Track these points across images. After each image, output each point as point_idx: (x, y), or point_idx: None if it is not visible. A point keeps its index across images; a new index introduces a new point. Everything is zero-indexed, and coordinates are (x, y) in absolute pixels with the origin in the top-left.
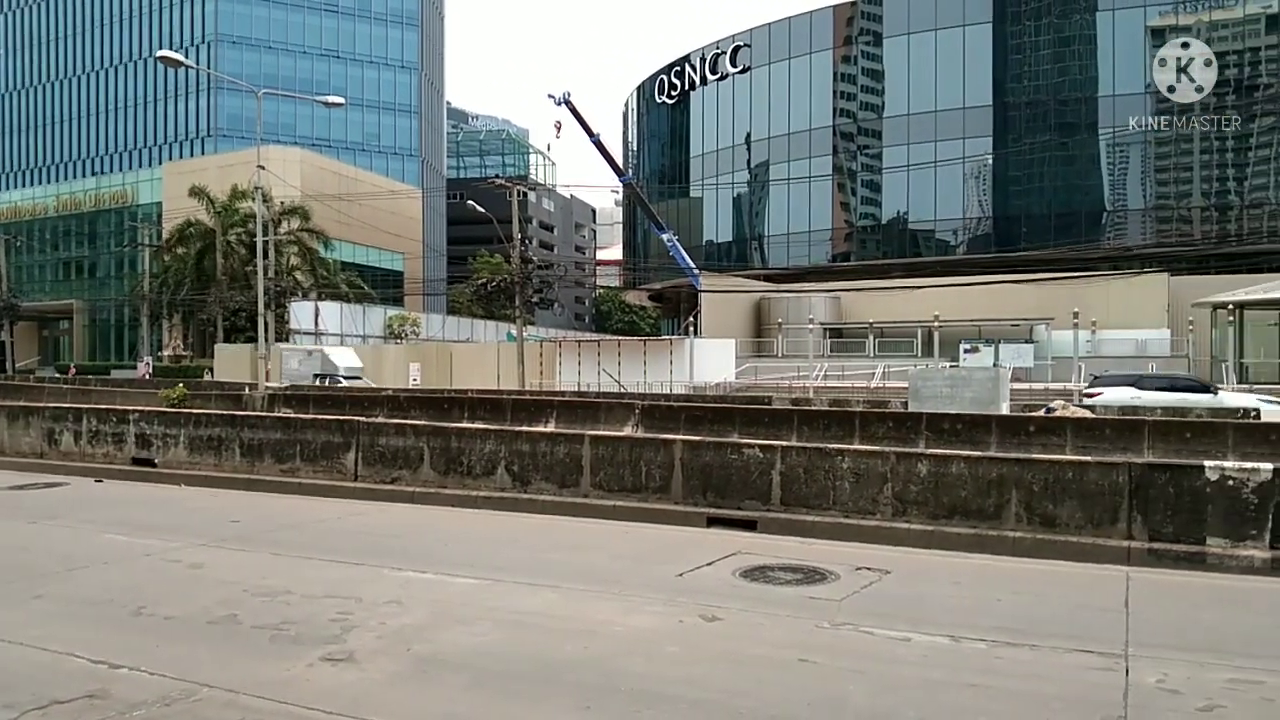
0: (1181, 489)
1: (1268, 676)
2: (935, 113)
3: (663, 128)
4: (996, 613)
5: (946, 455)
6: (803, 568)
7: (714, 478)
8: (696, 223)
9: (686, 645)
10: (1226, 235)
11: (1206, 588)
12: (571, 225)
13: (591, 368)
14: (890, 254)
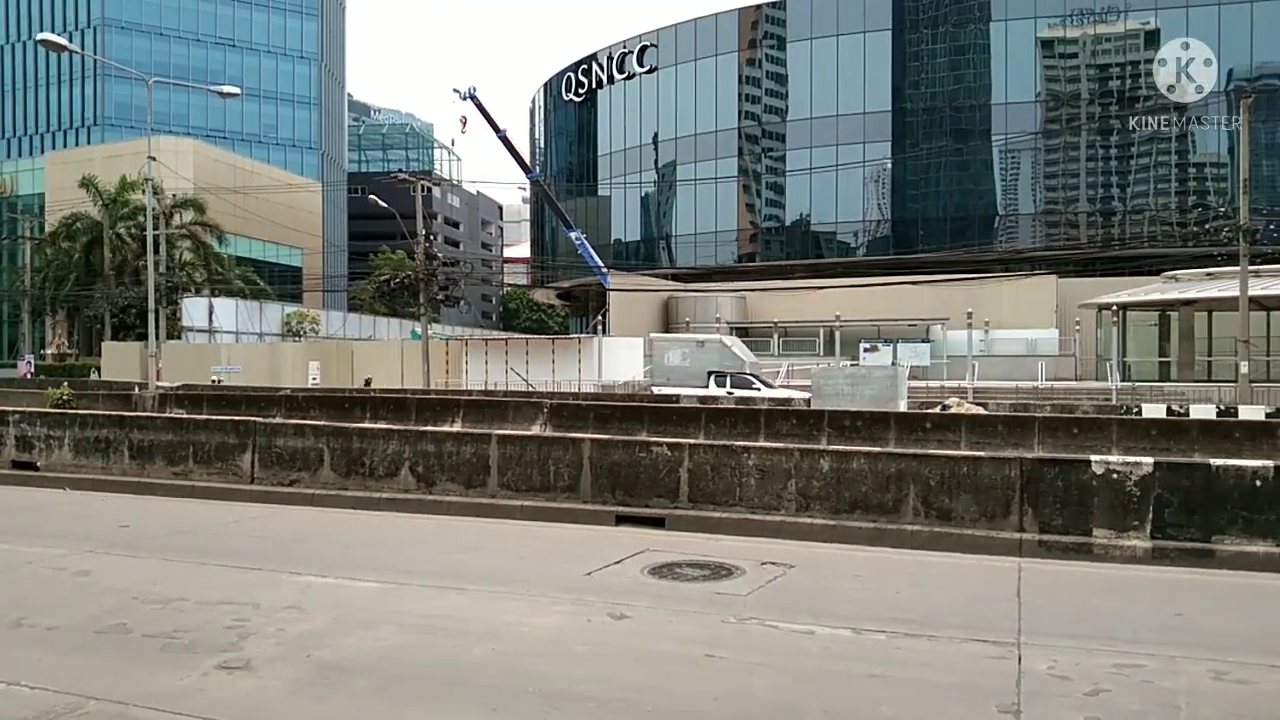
0: (1070, 483)
1: (1149, 661)
2: (837, 117)
3: (570, 125)
4: (896, 604)
5: (847, 452)
6: (710, 564)
7: (623, 476)
8: (605, 221)
9: (595, 644)
10: (1110, 240)
11: (1093, 577)
12: (478, 222)
13: (499, 366)
14: (794, 255)
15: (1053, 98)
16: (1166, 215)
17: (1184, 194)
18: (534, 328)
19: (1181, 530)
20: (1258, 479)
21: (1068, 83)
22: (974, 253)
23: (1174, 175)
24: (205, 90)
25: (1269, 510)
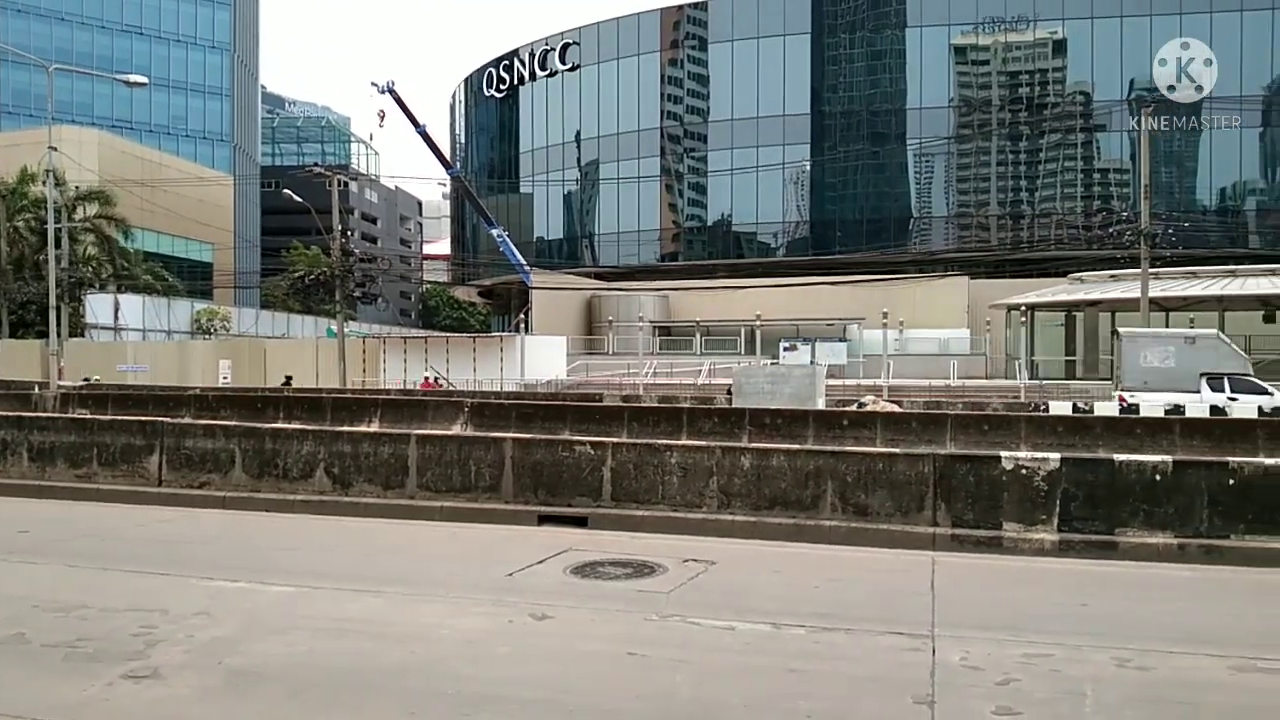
0: (981, 478)
1: (1057, 650)
2: (757, 119)
3: (491, 121)
4: (814, 599)
5: (768, 449)
6: (632, 562)
7: (545, 475)
8: (527, 219)
9: (516, 645)
10: (1020, 242)
11: (1003, 569)
12: (396, 218)
13: (418, 365)
14: (716, 255)
15: (965, 103)
16: (1073, 219)
17: (1089, 199)
18: (455, 326)
19: (1087, 523)
20: (1157, 473)
21: (979, 89)
22: (889, 254)
23: (1080, 180)
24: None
25: (1168, 503)
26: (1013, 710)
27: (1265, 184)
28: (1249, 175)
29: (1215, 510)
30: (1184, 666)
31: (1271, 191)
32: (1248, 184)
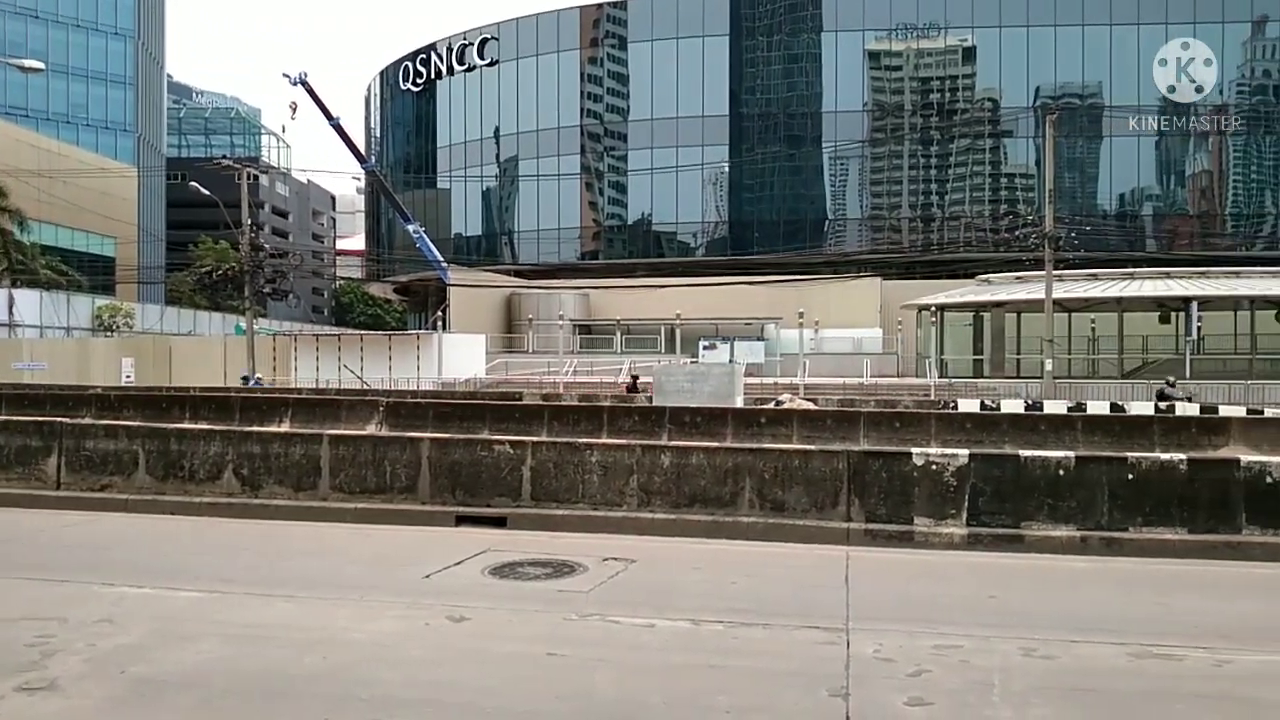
0: (893, 474)
1: (966, 641)
2: (677, 119)
3: (408, 116)
4: (733, 595)
5: (687, 447)
6: (552, 561)
7: (463, 475)
8: (445, 215)
9: (433, 648)
10: (930, 244)
11: (915, 563)
12: (309, 212)
13: (331, 363)
14: (636, 253)
15: (879, 107)
16: (981, 222)
17: (996, 202)
18: (370, 323)
19: (994, 517)
20: (1061, 468)
21: (893, 94)
22: (805, 254)
23: (988, 185)
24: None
25: (1071, 497)
26: (924, 701)
27: (1161, 190)
28: (1146, 182)
29: (1115, 504)
30: (1086, 655)
31: (1167, 197)
32: (1145, 190)
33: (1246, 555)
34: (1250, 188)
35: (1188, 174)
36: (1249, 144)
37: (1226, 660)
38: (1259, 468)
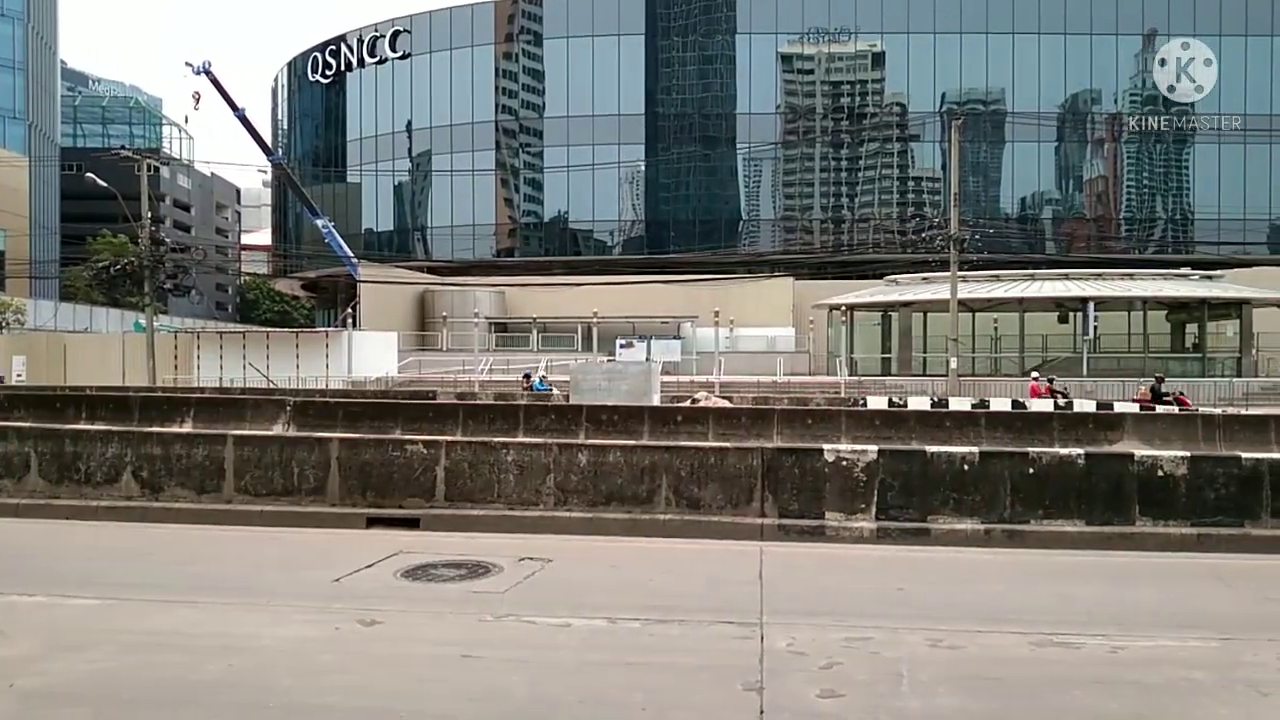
0: (805, 470)
1: (876, 633)
2: (593, 117)
3: (317, 108)
4: (649, 592)
5: (605, 445)
6: (466, 563)
7: (375, 476)
8: (355, 210)
9: (343, 653)
10: (841, 245)
11: (826, 557)
12: (212, 206)
13: (236, 362)
14: (552, 251)
15: (791, 110)
16: (889, 224)
17: (904, 205)
18: (277, 320)
19: (902, 511)
20: (965, 463)
21: (805, 96)
22: (720, 254)
23: (896, 188)
24: None
25: (975, 491)
26: (836, 693)
27: (1060, 195)
28: (1045, 186)
29: (1017, 498)
30: (990, 644)
31: (1065, 201)
32: (1045, 194)
33: (1140, 545)
34: (1143, 193)
35: (1085, 179)
36: (1141, 151)
37: (1121, 647)
38: (1151, 462)
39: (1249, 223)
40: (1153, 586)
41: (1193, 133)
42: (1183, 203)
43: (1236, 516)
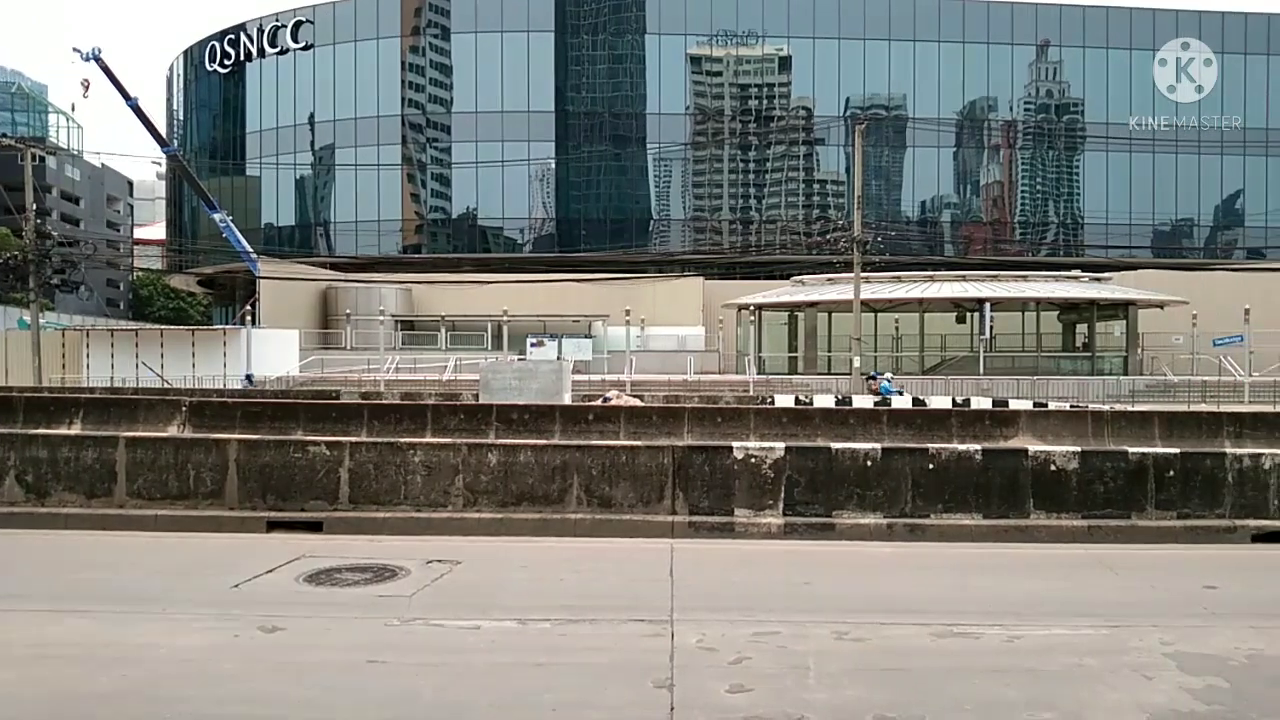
0: (715, 468)
1: (783, 627)
2: (502, 113)
3: (214, 98)
4: (560, 592)
5: (515, 445)
6: (372, 566)
7: (275, 478)
8: (254, 204)
9: (244, 661)
10: (749, 246)
11: (735, 553)
12: (103, 198)
13: (128, 361)
14: (461, 248)
15: (700, 111)
16: (796, 226)
17: (810, 207)
18: (172, 317)
19: (808, 507)
20: (869, 459)
21: (714, 98)
22: (631, 253)
23: (802, 190)
24: None
25: (878, 487)
26: (744, 688)
27: (958, 199)
28: (945, 190)
29: (918, 492)
30: (894, 636)
31: (963, 205)
32: (944, 198)
33: (1034, 537)
34: (1036, 198)
35: (982, 184)
36: (1035, 158)
37: (1017, 636)
38: (1044, 456)
39: (1134, 227)
40: (1047, 577)
41: (1083, 140)
42: (1073, 208)
43: (1124, 508)
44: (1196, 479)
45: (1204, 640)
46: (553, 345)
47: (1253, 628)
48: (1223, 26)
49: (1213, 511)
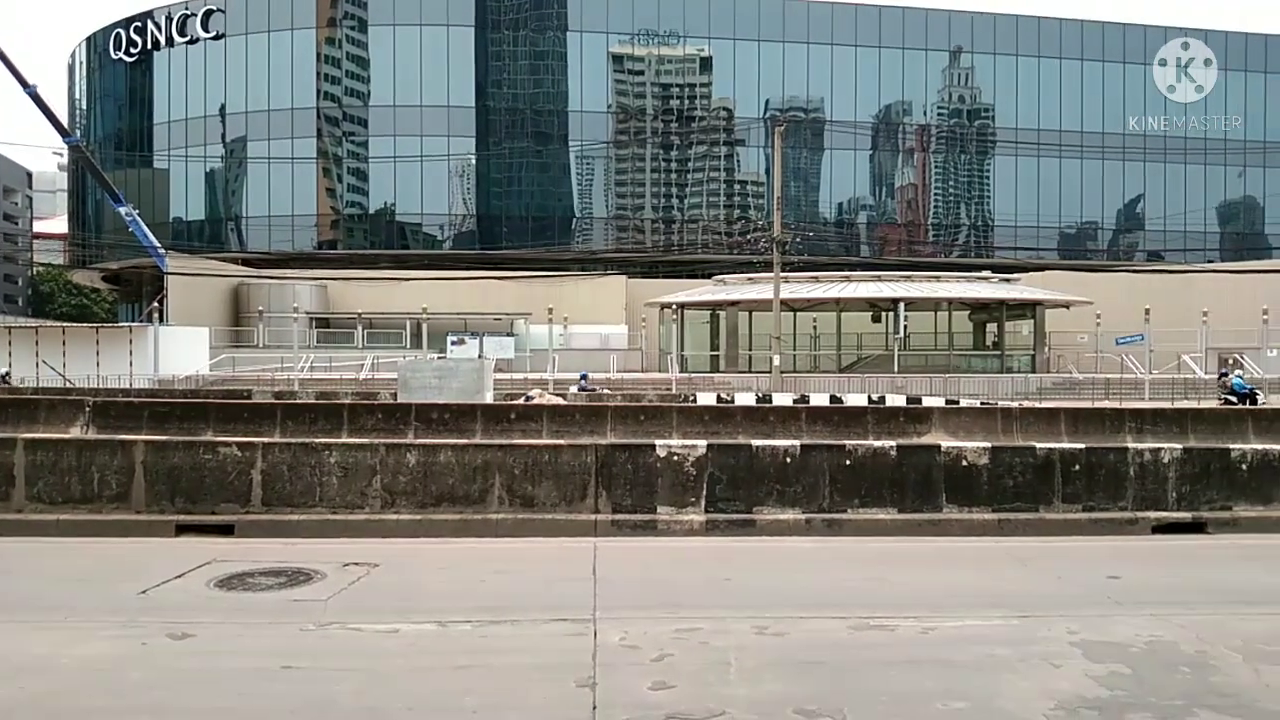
0: (638, 465)
1: (705, 624)
2: (421, 107)
3: (120, 88)
4: (481, 593)
5: (435, 445)
6: (286, 570)
7: (185, 481)
8: (163, 197)
9: (153, 669)
10: (671, 245)
11: (658, 550)
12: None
13: (28, 359)
14: (379, 244)
15: (622, 110)
16: (717, 226)
17: (731, 207)
18: (75, 314)
19: (730, 503)
20: (788, 456)
21: (636, 97)
22: (554, 251)
23: (723, 190)
24: None
25: (797, 483)
26: (667, 684)
27: (874, 201)
28: (861, 192)
29: (836, 488)
30: (813, 629)
31: (879, 207)
32: (860, 200)
33: (946, 531)
34: (949, 201)
35: (897, 186)
36: (947, 161)
37: (932, 627)
38: (956, 452)
39: (1042, 230)
40: (959, 569)
41: (993, 145)
42: (984, 210)
43: (1032, 502)
44: (1100, 473)
45: (1108, 629)
46: (474, 344)
47: (1152, 615)
48: (1117, 36)
49: (1116, 504)
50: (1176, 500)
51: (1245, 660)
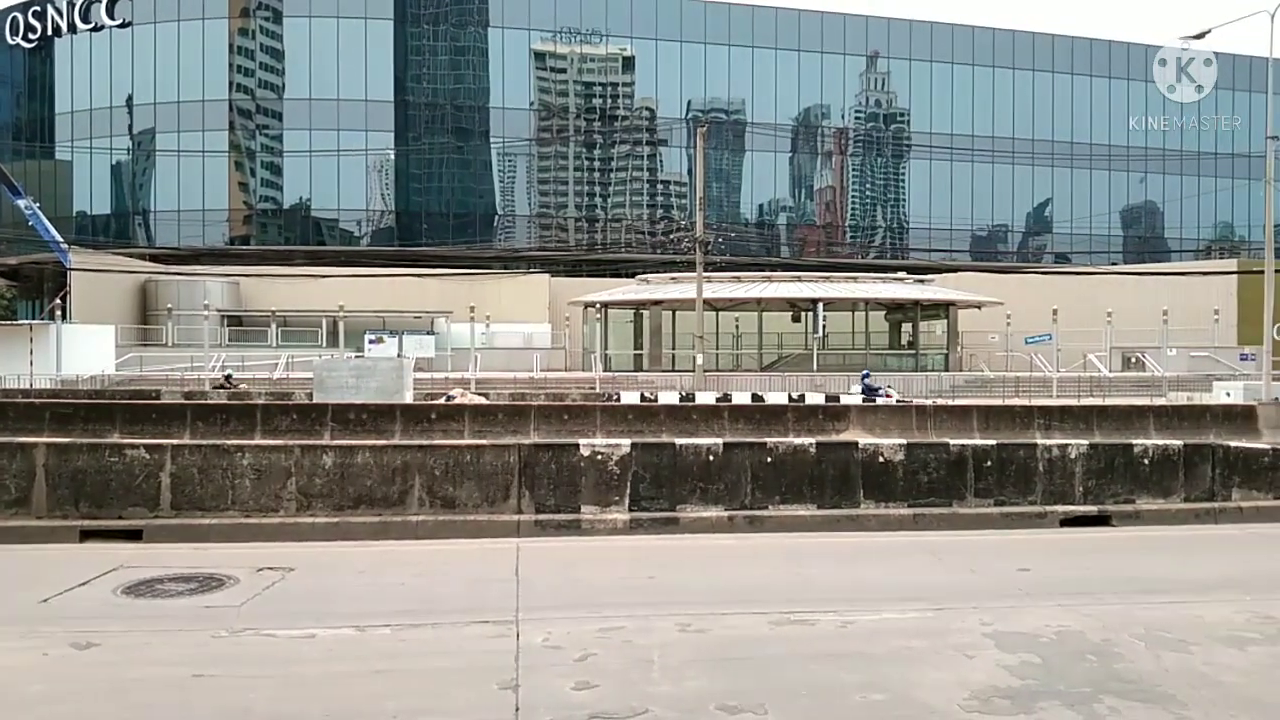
0: (562, 465)
1: (628, 622)
2: (338, 101)
3: (18, 75)
4: (400, 597)
5: (352, 446)
6: (197, 575)
7: (89, 485)
8: (65, 190)
9: (55, 681)
10: (595, 244)
11: (582, 550)
12: None
13: None
14: (294, 240)
15: (545, 108)
16: (640, 225)
17: (654, 207)
18: None
19: (654, 502)
20: (711, 454)
21: (558, 95)
22: (476, 249)
23: (646, 190)
24: None
25: (720, 481)
26: (590, 684)
27: (793, 202)
28: (781, 194)
29: (757, 485)
30: (735, 625)
31: (798, 209)
32: (780, 202)
33: (864, 526)
34: (865, 203)
35: (815, 189)
36: (864, 164)
37: (850, 621)
38: (874, 449)
39: (955, 232)
40: (876, 563)
41: (908, 149)
42: (900, 213)
43: (946, 497)
44: (1011, 468)
45: (1018, 620)
46: (393, 342)
47: (1061, 606)
48: (1027, 43)
49: (1026, 499)
50: (1083, 494)
51: (1147, 647)
